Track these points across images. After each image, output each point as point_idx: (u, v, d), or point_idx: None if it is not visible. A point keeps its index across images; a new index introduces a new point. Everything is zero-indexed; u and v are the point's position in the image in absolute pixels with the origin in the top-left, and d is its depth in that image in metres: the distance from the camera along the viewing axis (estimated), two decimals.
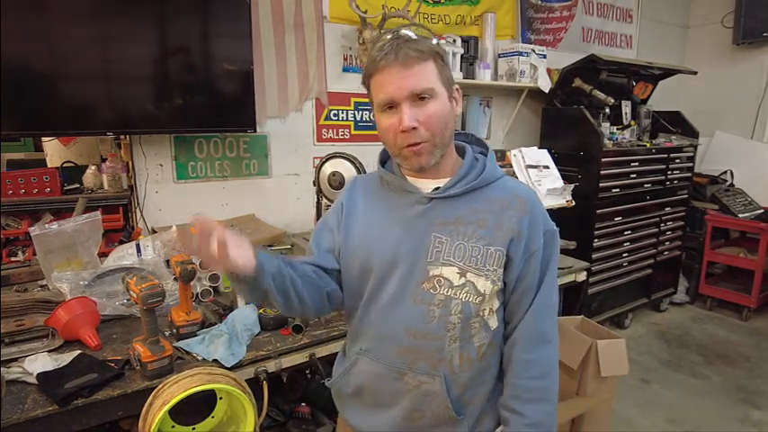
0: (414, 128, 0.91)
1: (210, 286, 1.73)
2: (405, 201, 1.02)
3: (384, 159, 1.09)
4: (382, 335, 1.02)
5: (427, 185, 1.01)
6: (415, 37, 0.93)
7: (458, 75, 3.01)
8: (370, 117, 3.00)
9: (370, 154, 2.89)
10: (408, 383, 1.00)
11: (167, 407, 1.10)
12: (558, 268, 1.22)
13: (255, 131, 2.43)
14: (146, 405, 1.13)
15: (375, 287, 1.02)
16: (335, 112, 2.87)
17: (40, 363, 1.22)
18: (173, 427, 1.30)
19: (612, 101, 3.32)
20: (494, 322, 1.00)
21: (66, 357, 1.27)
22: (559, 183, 2.68)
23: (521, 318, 1.00)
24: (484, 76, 3.14)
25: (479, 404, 1.03)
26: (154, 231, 2.29)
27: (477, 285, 0.95)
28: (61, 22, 1.92)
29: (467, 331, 0.98)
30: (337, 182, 1.62)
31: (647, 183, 3.50)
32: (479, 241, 0.95)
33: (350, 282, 1.06)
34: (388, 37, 0.94)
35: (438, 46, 0.96)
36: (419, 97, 0.91)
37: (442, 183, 1.00)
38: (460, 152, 1.05)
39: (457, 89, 0.98)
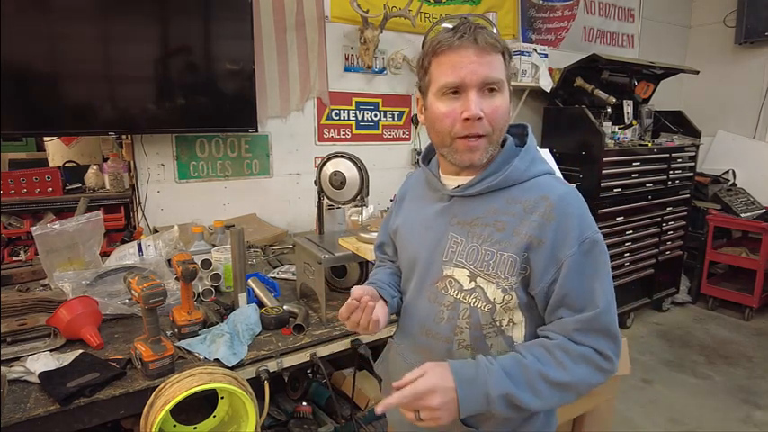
0: (480, 118, 0.86)
1: (212, 286, 1.73)
2: (433, 197, 1.02)
3: (426, 157, 1.10)
4: (405, 328, 1.07)
5: (453, 182, 0.97)
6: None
7: None
8: (371, 117, 3.00)
9: (371, 153, 2.93)
10: None
11: (169, 406, 1.10)
12: None
13: (257, 131, 2.44)
14: (147, 404, 1.13)
15: (405, 280, 1.07)
16: (337, 111, 2.87)
17: (41, 362, 1.22)
18: (174, 426, 1.30)
19: (614, 100, 3.32)
20: (518, 336, 0.92)
21: (68, 357, 1.27)
22: None
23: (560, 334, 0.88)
24: None
25: (499, 421, 0.92)
26: (155, 231, 2.30)
27: (486, 292, 0.90)
28: (63, 21, 1.92)
29: (480, 340, 0.92)
30: (338, 182, 1.62)
31: (649, 182, 3.49)
32: (494, 245, 0.89)
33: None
34: (460, 21, 0.89)
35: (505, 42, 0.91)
36: (489, 88, 0.87)
37: (467, 180, 0.95)
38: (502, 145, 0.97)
39: (510, 90, 0.94)
